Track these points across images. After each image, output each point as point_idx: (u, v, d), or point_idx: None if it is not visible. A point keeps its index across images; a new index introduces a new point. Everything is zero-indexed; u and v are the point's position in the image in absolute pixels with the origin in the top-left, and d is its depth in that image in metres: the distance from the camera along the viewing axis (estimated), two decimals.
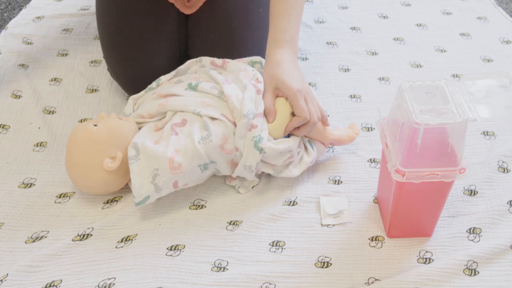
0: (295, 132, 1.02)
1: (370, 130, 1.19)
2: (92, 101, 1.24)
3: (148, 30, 1.05)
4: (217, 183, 1.08)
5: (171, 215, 1.02)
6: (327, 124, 1.07)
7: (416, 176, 0.85)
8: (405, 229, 0.97)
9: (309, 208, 1.03)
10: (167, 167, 0.96)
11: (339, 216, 1.01)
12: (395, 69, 1.35)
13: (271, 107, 1.00)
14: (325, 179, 1.09)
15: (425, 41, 1.43)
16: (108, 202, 1.04)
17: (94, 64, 1.33)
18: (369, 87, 1.30)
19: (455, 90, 0.86)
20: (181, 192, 1.06)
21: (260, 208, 1.03)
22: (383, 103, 1.25)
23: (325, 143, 1.09)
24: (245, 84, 1.01)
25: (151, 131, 1.01)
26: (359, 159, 1.12)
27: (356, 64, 1.36)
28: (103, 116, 1.04)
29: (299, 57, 1.37)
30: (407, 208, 0.92)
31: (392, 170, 0.86)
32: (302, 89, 1.00)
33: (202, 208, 1.03)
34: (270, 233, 0.99)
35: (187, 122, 0.99)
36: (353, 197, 1.05)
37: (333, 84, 1.31)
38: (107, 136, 0.99)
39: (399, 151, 0.85)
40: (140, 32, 1.02)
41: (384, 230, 0.99)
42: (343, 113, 1.23)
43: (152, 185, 0.97)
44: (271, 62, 1.03)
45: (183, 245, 0.96)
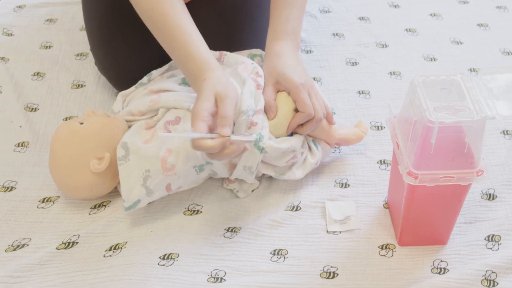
0: (299, 130, 1.02)
1: (379, 129, 1.19)
2: (78, 97, 1.24)
3: (139, 20, 1.04)
4: (214, 187, 1.08)
5: (163, 221, 1.02)
6: (332, 123, 1.07)
7: (429, 179, 0.85)
8: (417, 237, 0.97)
9: (314, 213, 1.03)
10: (159, 169, 0.96)
11: (346, 222, 1.01)
12: (407, 62, 1.35)
13: (272, 103, 1.00)
14: (331, 182, 1.09)
15: (440, 32, 1.43)
16: (95, 207, 1.04)
17: (80, 57, 1.33)
18: (378, 82, 1.30)
19: (472, 85, 0.86)
20: (175, 196, 1.06)
21: (261, 214, 1.03)
22: (394, 99, 1.25)
23: (330, 143, 1.09)
24: (244, 79, 1.01)
25: (142, 130, 1.01)
26: (368, 161, 1.12)
27: (365, 57, 1.36)
28: (90, 113, 1.04)
29: (302, 50, 1.37)
30: (420, 214, 0.92)
31: (404, 172, 0.86)
32: (306, 83, 1.00)
33: (197, 214, 1.03)
34: (272, 241, 0.99)
35: (181, 119, 0.99)
36: (362, 201, 1.05)
37: (340, 79, 1.30)
38: (94, 135, 1.00)
39: (411, 152, 0.85)
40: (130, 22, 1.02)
41: (395, 237, 0.99)
42: (351, 111, 1.23)
43: (143, 188, 0.97)
44: (271, 55, 1.03)
45: (176, 254, 0.96)
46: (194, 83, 0.95)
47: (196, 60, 0.94)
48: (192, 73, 0.94)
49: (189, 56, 0.94)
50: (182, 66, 0.96)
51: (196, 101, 0.91)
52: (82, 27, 1.39)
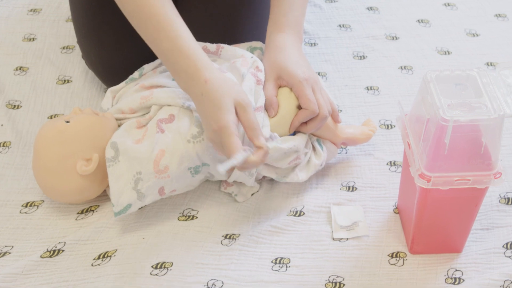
0: (302, 128, 1.02)
1: (389, 128, 1.19)
2: (64, 93, 1.24)
3: None
4: (211, 190, 1.08)
5: (156, 227, 1.02)
6: (338, 121, 1.07)
7: (443, 181, 0.85)
8: (430, 244, 0.97)
9: (318, 219, 1.03)
10: (151, 171, 0.96)
11: (354, 228, 1.01)
12: (419, 56, 1.35)
13: (273, 99, 1.00)
14: (337, 185, 1.09)
15: (454, 23, 1.43)
16: (82, 212, 1.04)
17: (66, 50, 1.33)
18: (388, 78, 1.29)
19: (489, 81, 0.86)
20: (168, 200, 1.05)
21: (261, 219, 1.03)
22: (405, 96, 1.25)
23: (336, 143, 1.09)
24: (242, 73, 1.01)
25: (132, 129, 1.01)
26: (376, 162, 1.12)
27: (374, 51, 1.36)
28: (76, 111, 1.04)
29: (306, 42, 1.37)
30: (433, 220, 0.92)
31: (416, 174, 0.86)
32: (309, 78, 1.00)
33: (193, 219, 1.03)
34: (273, 249, 0.99)
35: (175, 117, 0.99)
36: (370, 206, 1.05)
37: (347, 74, 1.30)
38: (82, 134, 0.99)
39: (423, 153, 0.85)
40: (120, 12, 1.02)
41: (406, 245, 0.99)
42: (358, 108, 1.23)
43: (134, 191, 0.97)
44: (272, 48, 1.03)
45: (170, 263, 0.96)
46: (189, 83, 0.94)
47: (190, 57, 0.93)
48: (184, 71, 0.94)
49: (179, 52, 0.94)
50: (171, 63, 0.95)
51: (213, 110, 0.90)
52: (68, 17, 1.39)
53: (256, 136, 0.91)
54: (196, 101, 0.94)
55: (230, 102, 0.91)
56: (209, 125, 0.92)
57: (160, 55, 0.96)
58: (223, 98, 0.91)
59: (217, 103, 0.91)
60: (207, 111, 0.92)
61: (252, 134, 0.92)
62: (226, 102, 0.91)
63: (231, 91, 0.92)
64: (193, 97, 0.94)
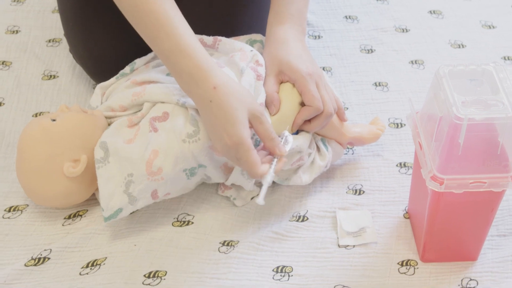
0: (306, 127, 1.02)
1: (399, 127, 1.19)
2: (50, 90, 1.24)
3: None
4: (207, 193, 1.08)
5: (149, 233, 1.02)
6: (344, 119, 1.07)
7: (457, 184, 0.85)
8: (443, 252, 0.97)
9: (323, 225, 1.03)
10: (144, 173, 0.96)
11: (361, 235, 1.01)
12: (431, 50, 1.35)
13: (274, 96, 1.00)
14: (343, 188, 1.09)
15: (469, 15, 1.43)
16: (69, 217, 1.04)
17: (52, 43, 1.33)
18: (398, 73, 1.29)
19: (506, 76, 0.86)
20: (162, 204, 1.06)
21: (261, 225, 1.03)
22: (416, 92, 1.25)
23: (342, 143, 1.09)
24: (241, 68, 1.01)
25: (123, 128, 1.01)
26: (385, 163, 1.12)
27: (382, 44, 1.36)
28: (63, 109, 1.04)
29: (309, 35, 1.37)
30: (446, 225, 0.92)
31: (427, 177, 0.86)
32: (313, 73, 1.00)
33: (188, 225, 1.03)
34: (274, 257, 0.99)
35: (169, 115, 0.99)
36: (378, 211, 1.05)
37: (353, 69, 1.30)
38: (69, 133, 0.99)
39: (436, 153, 0.85)
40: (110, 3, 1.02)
41: (418, 252, 0.99)
42: (366, 106, 1.23)
43: (125, 195, 0.97)
44: (273, 40, 1.03)
45: (164, 272, 0.96)
46: (193, 87, 0.93)
47: (193, 57, 0.93)
48: (187, 73, 0.93)
49: (181, 52, 0.93)
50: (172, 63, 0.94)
51: (226, 123, 0.90)
52: (55, 8, 1.39)
53: (276, 146, 0.93)
54: (202, 107, 0.93)
55: (245, 114, 0.91)
56: (220, 137, 0.91)
57: (161, 55, 0.96)
58: (237, 111, 0.91)
59: (231, 115, 0.90)
60: (217, 121, 0.91)
61: (272, 144, 0.93)
62: (241, 115, 0.91)
63: (244, 101, 0.92)
64: (198, 102, 0.94)
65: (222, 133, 0.91)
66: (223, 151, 0.93)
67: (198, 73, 0.92)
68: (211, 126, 0.93)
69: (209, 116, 0.92)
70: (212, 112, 0.92)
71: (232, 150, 0.91)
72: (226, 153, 0.93)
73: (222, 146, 0.92)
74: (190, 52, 0.93)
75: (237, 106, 0.91)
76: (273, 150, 0.94)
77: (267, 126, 0.93)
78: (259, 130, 0.93)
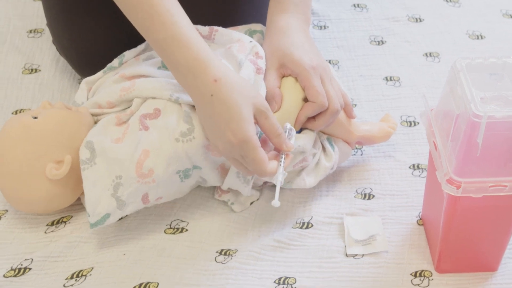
0: (310, 124, 1.02)
1: (412, 125, 1.19)
2: (32, 84, 1.24)
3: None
4: (203, 198, 1.08)
5: (139, 241, 1.02)
6: (353, 116, 1.07)
7: (475, 188, 0.85)
8: (460, 261, 0.97)
9: (329, 232, 1.03)
10: (133, 175, 0.96)
11: (371, 243, 1.01)
12: (447, 40, 1.34)
13: (275, 91, 1.00)
14: (351, 192, 1.09)
15: (489, 3, 1.43)
16: (53, 224, 1.04)
17: (34, 34, 1.33)
18: (411, 66, 1.30)
19: None
20: (153, 209, 1.05)
21: (262, 233, 1.03)
22: (431, 87, 1.25)
23: (350, 142, 1.09)
24: (240, 61, 1.01)
25: (111, 126, 1.01)
26: (397, 165, 1.12)
27: (394, 35, 1.36)
28: (46, 105, 1.04)
29: (314, 25, 1.37)
30: (463, 232, 0.92)
31: (443, 180, 0.85)
32: (318, 66, 1.00)
33: (182, 232, 1.03)
34: (276, 267, 0.99)
35: (160, 112, 0.99)
36: (390, 217, 1.05)
37: (362, 61, 1.30)
38: (52, 132, 0.99)
39: (452, 154, 0.85)
40: None
41: (432, 262, 0.99)
42: (376, 102, 1.23)
43: (113, 199, 0.97)
44: (274, 30, 1.03)
45: (155, 283, 0.96)
46: (190, 80, 0.93)
47: (191, 48, 0.92)
48: (184, 65, 0.93)
49: (177, 41, 0.92)
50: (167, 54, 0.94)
51: (229, 119, 0.90)
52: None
53: (284, 141, 0.94)
54: (201, 102, 0.93)
55: (250, 109, 0.91)
56: (222, 135, 0.91)
57: (155, 46, 0.95)
58: (241, 106, 0.90)
59: (234, 111, 0.90)
60: (219, 118, 0.91)
61: (278, 140, 0.94)
62: (246, 110, 0.91)
63: (248, 94, 0.92)
64: (197, 97, 0.93)
65: (225, 130, 0.91)
66: (225, 150, 0.93)
67: (196, 65, 0.92)
68: (211, 123, 0.93)
69: (210, 112, 0.92)
70: (213, 107, 0.91)
71: (236, 149, 0.91)
72: (228, 152, 0.92)
73: (224, 144, 0.92)
74: (187, 42, 0.93)
75: (241, 101, 0.91)
76: (280, 146, 0.94)
77: (273, 122, 0.94)
78: (265, 125, 0.93)
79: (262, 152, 0.91)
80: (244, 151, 0.91)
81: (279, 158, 0.95)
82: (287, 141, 0.94)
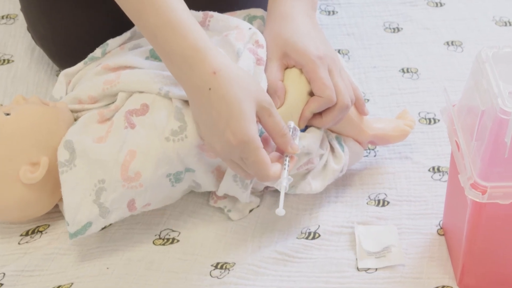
0: (316, 122, 1.02)
1: (432, 123, 1.19)
2: (3, 77, 1.25)
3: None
4: (196, 205, 1.08)
5: (125, 253, 1.02)
6: (365, 113, 1.07)
7: (503, 193, 0.85)
8: (486, 276, 0.97)
9: (338, 243, 1.03)
10: (118, 178, 0.96)
11: (385, 255, 1.01)
12: (471, 28, 1.35)
13: (278, 84, 1.00)
14: (363, 198, 1.09)
15: None
16: (27, 234, 1.04)
17: (6, 20, 1.33)
18: (431, 56, 1.30)
19: None
20: (141, 218, 1.06)
21: (263, 243, 1.03)
22: (453, 80, 1.25)
23: (362, 142, 1.09)
24: (238, 50, 1.01)
25: (93, 123, 1.01)
26: (415, 168, 1.13)
27: (411, 21, 1.36)
28: (19, 100, 1.04)
29: (321, 10, 1.37)
30: (489, 243, 0.92)
31: (467, 184, 0.85)
32: (325, 56, 1.00)
33: (173, 243, 1.03)
34: (279, 282, 0.99)
35: (148, 108, 0.99)
36: (406, 226, 1.05)
37: (375, 51, 1.30)
38: (26, 131, 0.99)
39: (477, 155, 0.85)
40: None
41: (455, 277, 0.99)
42: (391, 96, 1.23)
43: (96, 205, 0.97)
44: (276, 16, 1.03)
45: None
46: (186, 71, 0.93)
47: (187, 36, 0.92)
48: (179, 54, 0.93)
49: (172, 29, 0.92)
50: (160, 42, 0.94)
51: (229, 116, 0.90)
52: None
53: (289, 142, 0.94)
54: (197, 96, 0.93)
55: (252, 106, 0.91)
56: (220, 134, 0.91)
57: (147, 33, 0.95)
58: (243, 103, 0.90)
59: (235, 108, 0.90)
60: (217, 115, 0.91)
61: (283, 141, 0.94)
62: (247, 106, 0.91)
63: (250, 88, 0.92)
64: (193, 91, 0.93)
65: (223, 129, 0.90)
66: (223, 151, 0.92)
67: (193, 55, 0.92)
68: (208, 121, 0.92)
69: (206, 108, 0.92)
70: (210, 103, 0.91)
71: (235, 150, 0.91)
72: (227, 154, 0.92)
73: (222, 145, 0.91)
74: (183, 29, 0.93)
75: (243, 96, 0.91)
76: (285, 147, 0.94)
77: (277, 120, 0.94)
78: (268, 124, 0.93)
79: (264, 154, 0.91)
80: (244, 153, 0.91)
81: (282, 160, 0.95)
82: (292, 142, 0.95)
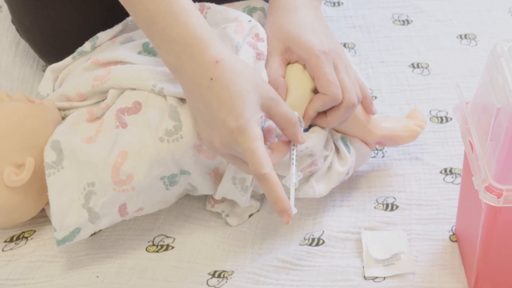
0: (320, 121, 1.02)
1: (444, 121, 1.19)
2: None
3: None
4: (192, 209, 1.08)
5: (116, 261, 1.02)
6: (372, 111, 1.07)
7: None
8: (501, 284, 0.97)
9: (344, 250, 1.03)
10: (109, 181, 0.96)
11: (394, 263, 1.01)
12: (486, 20, 1.35)
13: (279, 81, 1.00)
14: (371, 202, 1.09)
15: None
16: (12, 240, 1.04)
17: None
18: (442, 51, 1.30)
19: None
20: (133, 223, 1.06)
21: (263, 250, 1.03)
22: (466, 76, 1.25)
23: (369, 142, 1.09)
24: (236, 43, 1.01)
25: (82, 122, 1.01)
26: (426, 169, 1.13)
27: (422, 12, 1.36)
28: (3, 97, 1.04)
29: (326, 1, 1.37)
30: (505, 250, 0.92)
31: (481, 187, 0.85)
32: (330, 50, 1.00)
33: (167, 250, 1.03)
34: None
35: (141, 106, 0.99)
36: (417, 231, 1.05)
37: (383, 45, 1.31)
38: (10, 130, 1.00)
39: (492, 156, 0.85)
40: None
41: (468, 286, 0.99)
42: (400, 93, 1.23)
43: (85, 210, 0.97)
44: (278, 8, 1.03)
45: None
46: (185, 60, 0.93)
47: (187, 22, 0.92)
48: (179, 41, 0.93)
49: (171, 14, 0.93)
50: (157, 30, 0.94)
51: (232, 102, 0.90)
52: None
53: (299, 131, 0.94)
54: (196, 87, 0.93)
55: (257, 98, 0.91)
56: (220, 125, 0.90)
57: (143, 20, 0.95)
58: (248, 93, 0.90)
59: (237, 96, 0.90)
60: (218, 105, 0.90)
61: (294, 130, 0.94)
62: (252, 97, 0.91)
63: (255, 79, 0.92)
64: (192, 82, 0.93)
65: (224, 117, 0.90)
66: (223, 146, 0.91)
67: (195, 43, 0.92)
68: (207, 113, 0.92)
69: (206, 100, 0.91)
70: (211, 94, 0.91)
71: (233, 139, 0.90)
72: (227, 148, 0.91)
73: (223, 137, 0.91)
74: (183, 16, 0.93)
75: (248, 87, 0.91)
76: (296, 137, 0.94)
77: (286, 109, 0.94)
78: (277, 114, 0.93)
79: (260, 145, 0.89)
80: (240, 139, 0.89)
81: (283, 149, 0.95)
82: (300, 132, 0.95)
